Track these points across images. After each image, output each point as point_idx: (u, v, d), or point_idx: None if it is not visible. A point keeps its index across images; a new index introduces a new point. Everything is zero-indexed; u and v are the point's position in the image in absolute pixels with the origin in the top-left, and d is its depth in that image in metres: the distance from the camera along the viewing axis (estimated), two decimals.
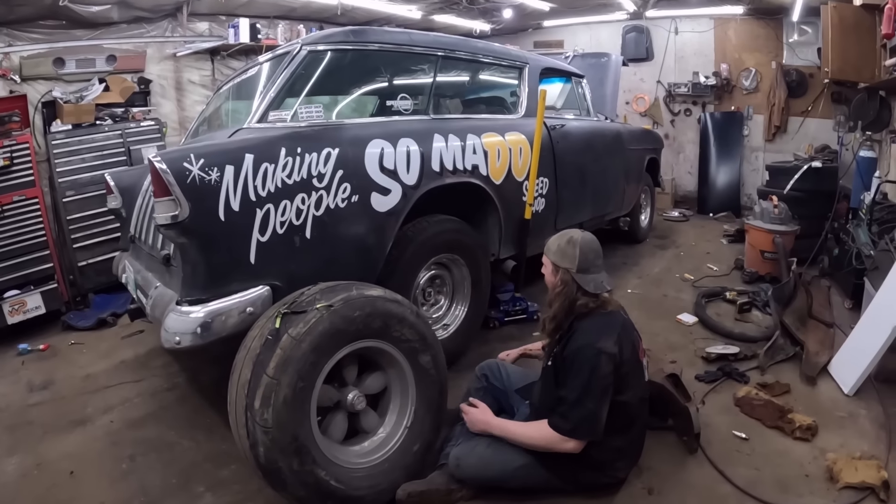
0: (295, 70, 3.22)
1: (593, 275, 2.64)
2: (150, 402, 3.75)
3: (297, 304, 2.46)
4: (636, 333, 2.72)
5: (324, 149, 2.90)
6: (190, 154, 2.49)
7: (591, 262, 2.64)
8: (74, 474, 3.02)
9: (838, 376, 3.70)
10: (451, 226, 3.67)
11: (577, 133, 5.15)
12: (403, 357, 2.70)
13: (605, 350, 2.45)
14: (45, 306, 5.27)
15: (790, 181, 6.24)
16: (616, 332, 2.54)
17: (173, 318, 2.58)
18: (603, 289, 2.64)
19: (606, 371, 2.44)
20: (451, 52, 3.94)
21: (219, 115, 4.20)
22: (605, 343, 2.47)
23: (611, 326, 2.57)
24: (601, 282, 2.65)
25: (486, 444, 2.67)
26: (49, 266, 5.41)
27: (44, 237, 5.37)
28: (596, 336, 2.51)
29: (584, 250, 2.64)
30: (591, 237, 2.72)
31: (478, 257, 3.90)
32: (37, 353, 4.76)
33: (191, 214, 2.45)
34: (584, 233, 2.75)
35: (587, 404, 2.43)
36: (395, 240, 3.28)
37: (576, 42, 9.60)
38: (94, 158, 5.75)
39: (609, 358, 2.45)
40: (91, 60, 6.22)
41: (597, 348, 2.46)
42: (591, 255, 2.65)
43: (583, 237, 2.69)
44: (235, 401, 2.36)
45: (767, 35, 8.68)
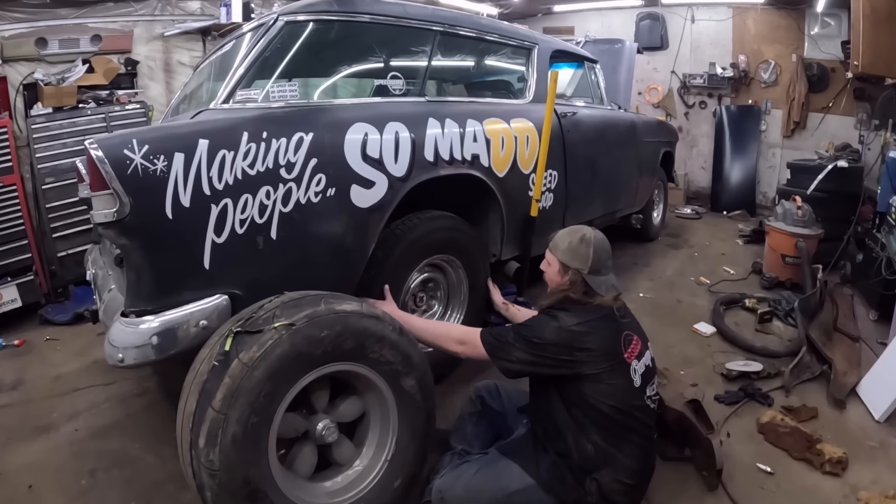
0: (269, 44, 2.82)
1: (605, 276, 2.46)
2: (118, 409, 3.56)
3: (253, 321, 2.09)
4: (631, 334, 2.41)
5: (295, 133, 2.49)
6: (132, 140, 2.11)
7: (603, 262, 2.46)
8: (33, 489, 2.85)
9: (868, 400, 3.42)
10: (446, 223, 3.28)
11: (590, 122, 4.77)
12: (383, 381, 2.34)
13: (561, 322, 2.30)
14: (21, 299, 5.07)
15: (814, 181, 5.93)
16: (588, 318, 2.32)
17: (117, 330, 2.25)
18: (615, 291, 2.46)
19: (550, 339, 2.27)
20: (452, 27, 3.51)
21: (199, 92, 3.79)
22: (566, 319, 2.31)
23: (586, 312, 2.36)
24: (612, 284, 2.47)
25: (474, 470, 2.34)
26: (27, 256, 5.20)
27: (22, 226, 5.16)
28: (563, 313, 2.36)
29: (598, 250, 2.45)
30: (602, 236, 2.54)
31: (476, 259, 3.52)
32: (11, 349, 4.58)
33: (132, 211, 2.10)
34: (596, 230, 2.56)
35: (514, 340, 2.34)
36: (380, 239, 2.90)
37: (587, 29, 9.24)
38: (76, 143, 5.40)
39: (560, 331, 2.28)
40: (75, 41, 5.96)
41: (555, 316, 2.34)
42: (603, 256, 2.47)
43: (595, 236, 2.51)
44: (181, 434, 2.04)
45: (788, 26, 8.33)
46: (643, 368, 2.36)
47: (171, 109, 3.89)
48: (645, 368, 2.37)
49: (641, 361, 2.37)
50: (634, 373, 2.31)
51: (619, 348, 2.30)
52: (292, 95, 2.77)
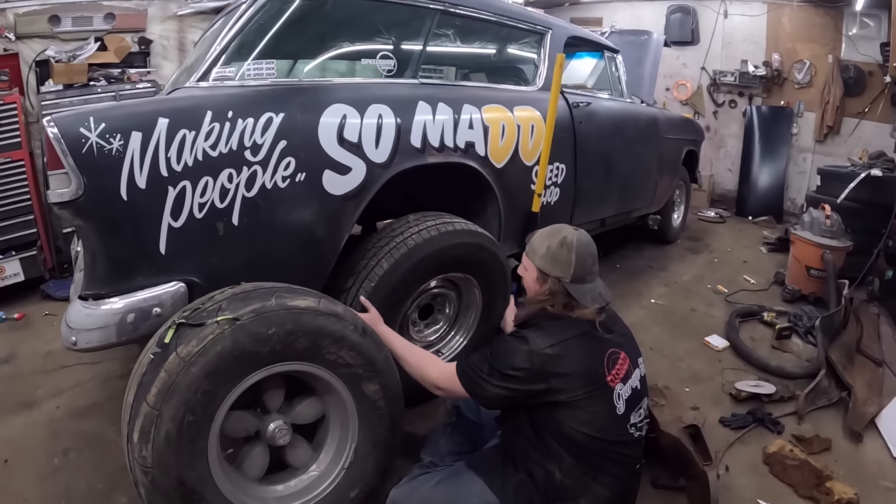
0: (252, 19, 2.70)
1: (589, 284, 2.18)
2: (100, 390, 3.59)
3: (198, 313, 1.97)
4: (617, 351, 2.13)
5: (263, 113, 2.35)
6: (89, 118, 2.03)
7: (587, 269, 2.18)
8: (8, 463, 2.91)
9: (888, 434, 3.19)
10: (468, 238, 3.04)
11: (606, 114, 4.57)
12: (342, 385, 2.19)
13: (532, 345, 2.01)
14: (24, 273, 5.11)
15: (845, 189, 5.62)
16: (563, 337, 2.04)
17: (73, 312, 2.22)
18: (601, 301, 2.16)
19: (520, 366, 1.99)
20: (453, 6, 3.31)
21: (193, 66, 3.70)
22: (538, 339, 2.02)
23: (561, 330, 2.07)
24: (598, 293, 2.18)
25: (434, 482, 2.16)
26: (33, 232, 5.22)
27: (29, 202, 5.16)
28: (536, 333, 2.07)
29: (582, 255, 2.17)
30: (587, 238, 2.24)
31: (496, 279, 3.28)
32: (10, 322, 4.65)
33: (86, 192, 2.03)
34: (579, 231, 2.25)
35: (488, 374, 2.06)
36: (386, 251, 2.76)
37: (615, 20, 9.01)
38: None
39: (531, 356, 1.99)
40: (88, 18, 5.93)
41: (524, 339, 2.05)
42: (588, 261, 2.19)
43: (578, 239, 2.20)
44: (121, 426, 1.95)
45: (825, 25, 7.99)
46: (629, 392, 2.10)
47: (171, 84, 3.78)
48: (631, 392, 2.11)
49: (628, 384, 2.11)
50: (618, 398, 2.06)
51: (601, 371, 2.05)
52: (269, 74, 2.65)
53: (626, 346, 2.19)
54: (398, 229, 2.85)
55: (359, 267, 2.74)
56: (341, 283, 2.73)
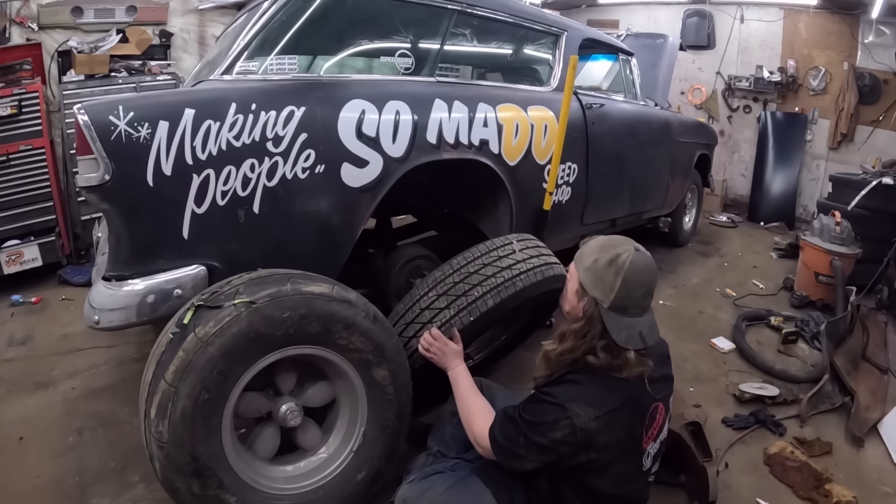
0: (275, 15, 2.77)
1: (632, 319, 1.85)
2: (115, 372, 3.66)
3: (216, 296, 2.05)
4: (658, 404, 1.97)
5: (285, 107, 2.42)
6: (118, 106, 2.12)
7: (635, 301, 1.85)
8: (23, 441, 2.98)
9: (889, 441, 3.20)
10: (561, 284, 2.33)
11: (619, 115, 4.60)
12: (353, 369, 2.25)
13: (573, 419, 1.78)
14: (42, 259, 5.20)
15: (856, 196, 5.59)
16: (609, 407, 1.81)
17: (96, 292, 2.28)
18: (639, 343, 1.84)
19: (561, 440, 1.79)
20: (470, 7, 3.36)
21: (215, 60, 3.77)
22: (582, 410, 1.78)
23: (606, 395, 1.84)
24: (638, 332, 1.85)
25: (444, 486, 2.11)
26: (52, 218, 5.33)
27: (48, 188, 5.28)
28: (578, 396, 1.83)
29: (630, 283, 1.83)
30: (645, 263, 1.88)
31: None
32: (28, 306, 4.75)
33: (113, 177, 2.11)
34: (640, 252, 1.89)
35: (519, 441, 1.86)
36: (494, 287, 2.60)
37: (632, 23, 8.94)
38: None
39: (573, 431, 1.78)
40: (110, 10, 6.04)
41: (565, 408, 1.79)
42: (638, 292, 1.85)
43: (633, 262, 1.85)
44: (140, 403, 2.02)
45: (841, 32, 7.94)
46: (657, 448, 2.00)
47: (193, 76, 3.86)
48: (659, 447, 2.01)
49: (659, 439, 1.99)
50: (647, 457, 1.95)
51: (640, 434, 1.90)
52: (291, 69, 2.72)
53: (665, 391, 2.04)
54: (504, 260, 2.69)
55: (457, 291, 2.58)
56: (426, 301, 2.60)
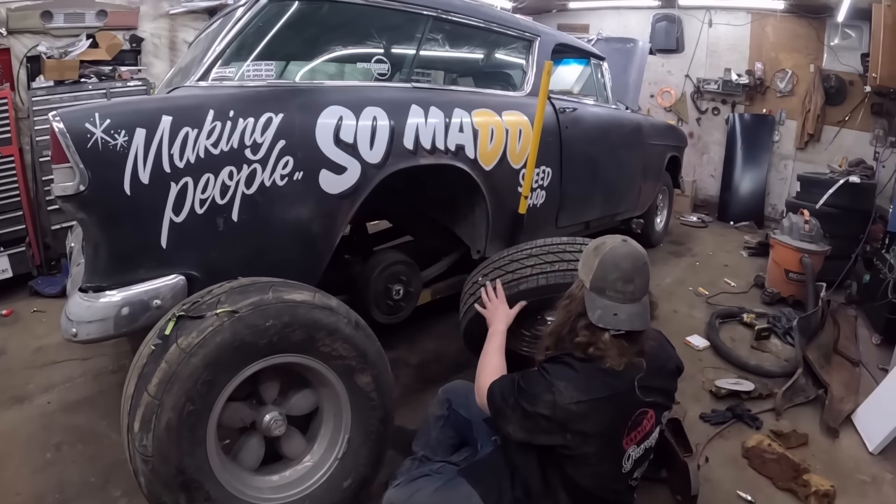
0: (251, 22, 2.75)
1: (609, 301, 1.93)
2: (91, 385, 3.60)
3: (197, 306, 2.03)
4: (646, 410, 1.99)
5: (263, 114, 2.42)
6: (94, 113, 2.09)
7: (609, 283, 1.93)
8: (0, 457, 2.89)
9: (863, 430, 3.26)
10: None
11: (591, 119, 4.63)
12: (336, 376, 2.24)
13: (556, 396, 1.86)
14: (11, 270, 5.07)
15: (824, 195, 5.73)
16: (594, 395, 1.87)
17: (73, 304, 2.25)
18: (611, 324, 1.91)
19: (541, 413, 1.87)
20: (445, 13, 3.38)
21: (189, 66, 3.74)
22: (565, 392, 1.86)
23: (595, 384, 1.89)
24: (612, 314, 1.91)
25: (431, 489, 2.14)
26: (21, 228, 5.19)
27: (18, 198, 5.14)
28: (565, 377, 1.90)
29: (607, 264, 1.94)
30: (627, 252, 1.97)
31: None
32: None
33: (90, 186, 2.08)
34: (629, 244, 2.01)
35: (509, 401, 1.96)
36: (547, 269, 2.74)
37: (602, 27, 8.98)
38: None
39: (554, 407, 1.86)
40: (80, 15, 5.90)
41: (552, 384, 1.88)
42: (613, 274, 1.93)
43: (614, 248, 1.97)
44: (122, 416, 1.99)
45: (808, 35, 8.11)
46: (640, 453, 2.02)
47: (166, 83, 3.82)
48: (643, 452, 2.03)
49: (643, 445, 2.02)
50: (628, 459, 1.98)
51: (620, 433, 1.94)
52: (268, 75, 2.71)
53: (659, 402, 2.06)
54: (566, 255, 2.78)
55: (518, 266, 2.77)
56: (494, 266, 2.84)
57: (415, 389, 3.43)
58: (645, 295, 1.98)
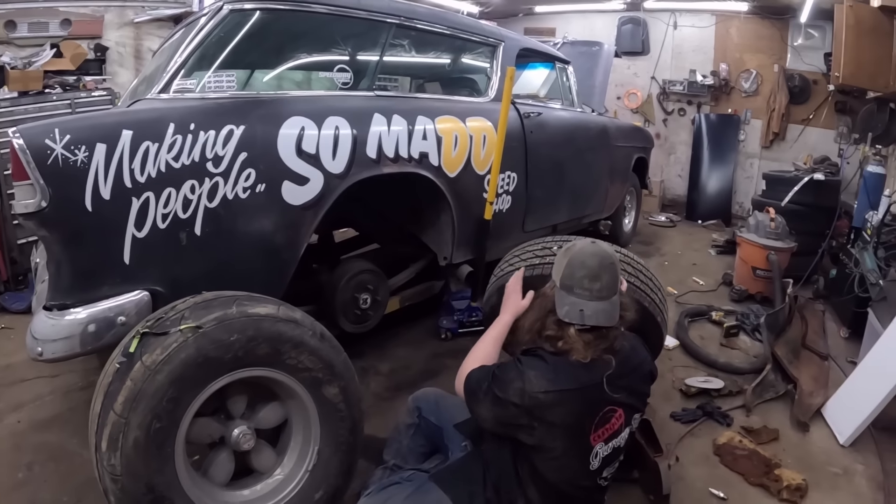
0: (212, 32, 2.73)
1: (577, 298, 2.00)
2: (61, 402, 3.53)
3: (161, 322, 2.00)
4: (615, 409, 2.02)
5: (224, 126, 2.40)
6: (54, 129, 2.06)
7: (577, 280, 2.01)
8: None
9: (834, 423, 3.31)
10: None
11: (556, 123, 4.65)
12: (303, 388, 2.22)
13: (526, 385, 1.91)
14: None
15: (789, 192, 5.81)
16: (562, 386, 1.92)
17: (38, 322, 2.22)
18: (577, 319, 1.98)
19: (511, 400, 1.92)
20: (409, 20, 3.38)
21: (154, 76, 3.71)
22: (535, 381, 1.92)
23: (565, 377, 1.94)
24: (579, 310, 1.99)
25: (404, 495, 2.12)
26: None
27: None
28: (535, 369, 1.95)
29: (574, 264, 2.04)
30: (594, 251, 2.07)
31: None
32: None
33: (51, 203, 2.05)
34: (596, 245, 2.12)
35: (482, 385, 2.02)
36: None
37: (568, 31, 9.04)
38: None
39: (520, 393, 1.91)
40: (44, 24, 5.84)
41: (523, 375, 1.94)
42: (580, 273, 2.01)
43: (582, 249, 2.08)
44: (90, 436, 1.97)
45: (772, 36, 8.27)
46: (609, 451, 2.04)
47: (130, 93, 3.78)
48: (611, 451, 2.05)
49: (611, 444, 2.04)
50: (595, 456, 2.00)
51: (588, 429, 1.96)
52: (229, 86, 2.71)
53: (629, 402, 2.07)
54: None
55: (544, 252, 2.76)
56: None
57: (385, 397, 3.41)
58: (614, 294, 2.04)
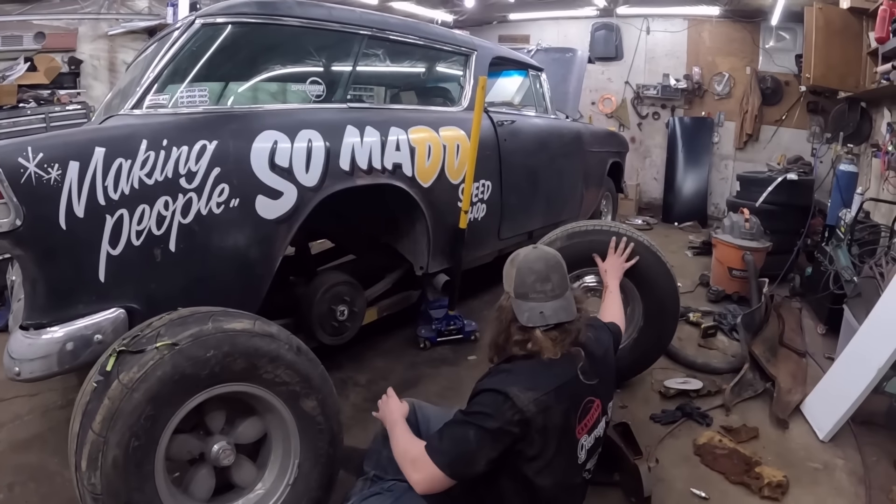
0: (184, 46, 2.72)
1: (534, 303, 2.04)
2: (40, 422, 3.48)
3: (137, 340, 1.98)
4: (593, 399, 2.06)
5: (197, 141, 2.40)
6: (27, 147, 2.05)
7: (530, 286, 2.06)
8: None
9: (813, 419, 3.33)
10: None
11: (530, 131, 4.67)
12: (281, 402, 2.21)
13: (514, 401, 1.85)
14: None
15: (763, 193, 5.87)
16: (548, 388, 1.92)
17: (15, 342, 2.21)
18: (539, 321, 2.02)
19: (505, 427, 1.85)
20: (381, 31, 3.40)
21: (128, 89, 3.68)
22: (521, 393, 1.87)
23: (543, 379, 1.94)
24: (539, 312, 2.03)
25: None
26: None
27: None
28: (513, 381, 1.92)
29: (523, 271, 2.08)
30: (538, 255, 2.14)
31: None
32: None
33: (25, 222, 2.04)
34: (539, 249, 2.19)
35: (468, 436, 1.86)
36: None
37: (542, 38, 9.13)
38: None
39: (516, 415, 1.85)
40: (18, 38, 5.86)
41: (504, 393, 1.87)
42: (530, 278, 2.06)
43: (526, 255, 2.14)
44: (69, 455, 1.95)
45: (743, 39, 8.42)
46: (591, 442, 2.07)
47: (104, 107, 3.74)
48: (594, 442, 2.09)
49: (593, 434, 2.07)
50: (581, 448, 2.03)
51: (573, 423, 1.98)
52: (202, 101, 2.67)
53: (603, 390, 2.12)
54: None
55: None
56: None
57: (365, 408, 3.37)
58: (567, 290, 2.11)
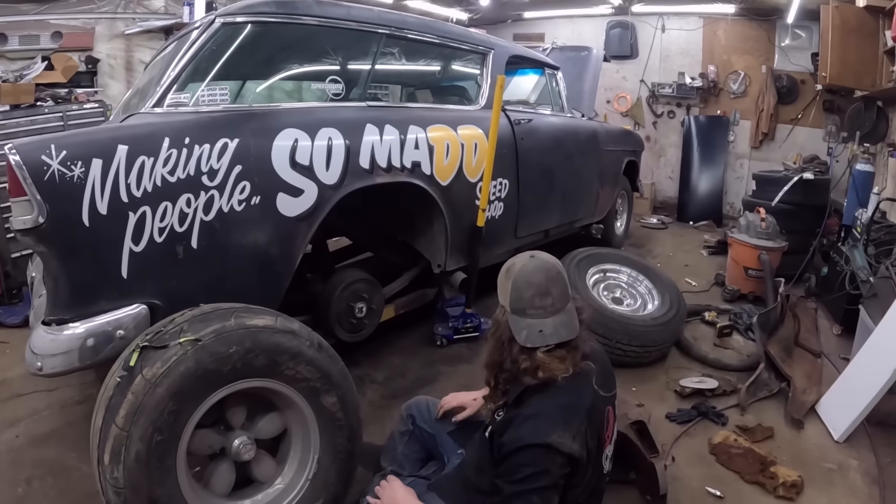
0: (205, 45, 2.74)
1: (532, 320, 1.89)
2: (58, 417, 3.48)
3: (160, 335, 2.01)
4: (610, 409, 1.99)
5: (219, 139, 2.42)
6: (51, 145, 2.08)
7: (528, 301, 1.90)
8: None
9: (828, 419, 3.31)
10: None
11: (546, 129, 4.68)
12: (302, 398, 2.22)
13: (560, 449, 1.74)
14: None
15: (779, 192, 5.84)
16: (581, 419, 1.82)
17: (37, 337, 2.23)
18: (539, 342, 1.87)
19: (559, 473, 1.76)
20: (399, 30, 3.42)
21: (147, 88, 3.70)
22: (563, 438, 1.75)
23: (574, 411, 1.83)
24: (538, 331, 1.88)
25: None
26: None
27: None
28: (550, 427, 1.77)
29: (519, 285, 1.92)
30: (536, 266, 1.96)
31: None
32: None
33: (48, 219, 2.07)
34: (537, 258, 1.98)
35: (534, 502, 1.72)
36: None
37: (557, 36, 9.11)
38: None
39: (565, 459, 1.75)
40: (35, 37, 5.88)
41: (548, 445, 1.74)
42: (528, 293, 1.90)
43: (523, 267, 1.95)
44: (91, 450, 1.97)
45: (759, 37, 8.35)
46: (612, 449, 2.04)
47: (122, 106, 3.77)
48: (614, 449, 2.06)
49: (612, 441, 2.04)
50: (605, 458, 1.98)
51: (604, 440, 1.93)
52: (223, 99, 2.70)
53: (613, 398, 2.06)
54: None
55: None
56: None
57: (381, 405, 3.41)
58: (568, 303, 1.95)
